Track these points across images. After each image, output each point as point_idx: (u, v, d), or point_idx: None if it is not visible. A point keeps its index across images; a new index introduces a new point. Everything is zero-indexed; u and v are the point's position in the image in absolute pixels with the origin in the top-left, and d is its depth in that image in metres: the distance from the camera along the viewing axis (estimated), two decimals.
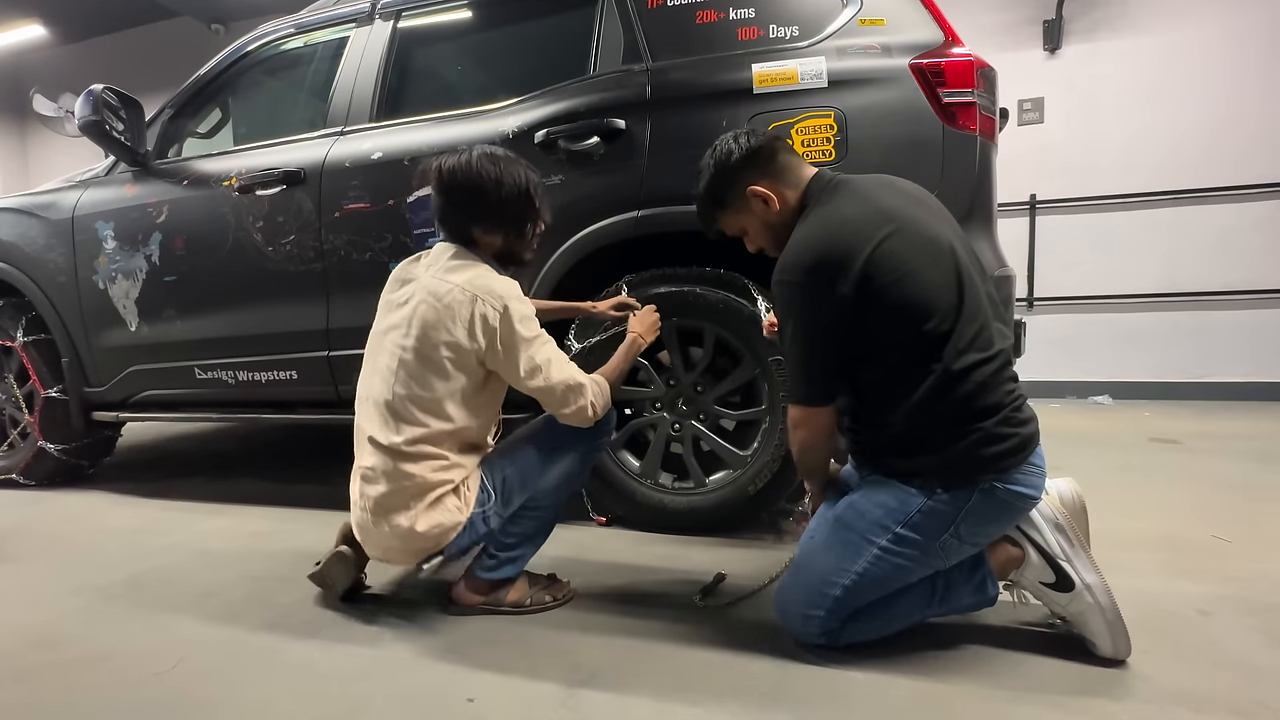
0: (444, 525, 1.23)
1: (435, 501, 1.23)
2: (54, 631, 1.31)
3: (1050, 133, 3.80)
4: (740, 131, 1.22)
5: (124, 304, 2.19)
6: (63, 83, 5.54)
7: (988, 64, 1.57)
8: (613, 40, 1.76)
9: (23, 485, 2.41)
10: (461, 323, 1.21)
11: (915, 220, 1.10)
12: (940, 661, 1.10)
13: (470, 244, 1.31)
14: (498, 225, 1.30)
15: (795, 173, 1.19)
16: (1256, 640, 1.14)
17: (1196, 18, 3.54)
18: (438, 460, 1.24)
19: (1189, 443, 2.65)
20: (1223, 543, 1.59)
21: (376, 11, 2.04)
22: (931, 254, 1.07)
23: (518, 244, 1.33)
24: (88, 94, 2.02)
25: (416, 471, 1.22)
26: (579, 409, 1.28)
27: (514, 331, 1.23)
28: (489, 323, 1.22)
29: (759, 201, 1.18)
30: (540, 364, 1.25)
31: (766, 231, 1.22)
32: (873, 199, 1.11)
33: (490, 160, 1.27)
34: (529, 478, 1.30)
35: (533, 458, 1.31)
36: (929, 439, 1.06)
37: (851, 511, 1.13)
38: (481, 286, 1.23)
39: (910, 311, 1.04)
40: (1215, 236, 3.58)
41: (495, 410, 1.36)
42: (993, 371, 1.05)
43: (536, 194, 1.31)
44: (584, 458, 1.37)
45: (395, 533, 1.23)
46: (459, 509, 1.25)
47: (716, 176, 1.20)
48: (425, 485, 1.22)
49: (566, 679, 1.08)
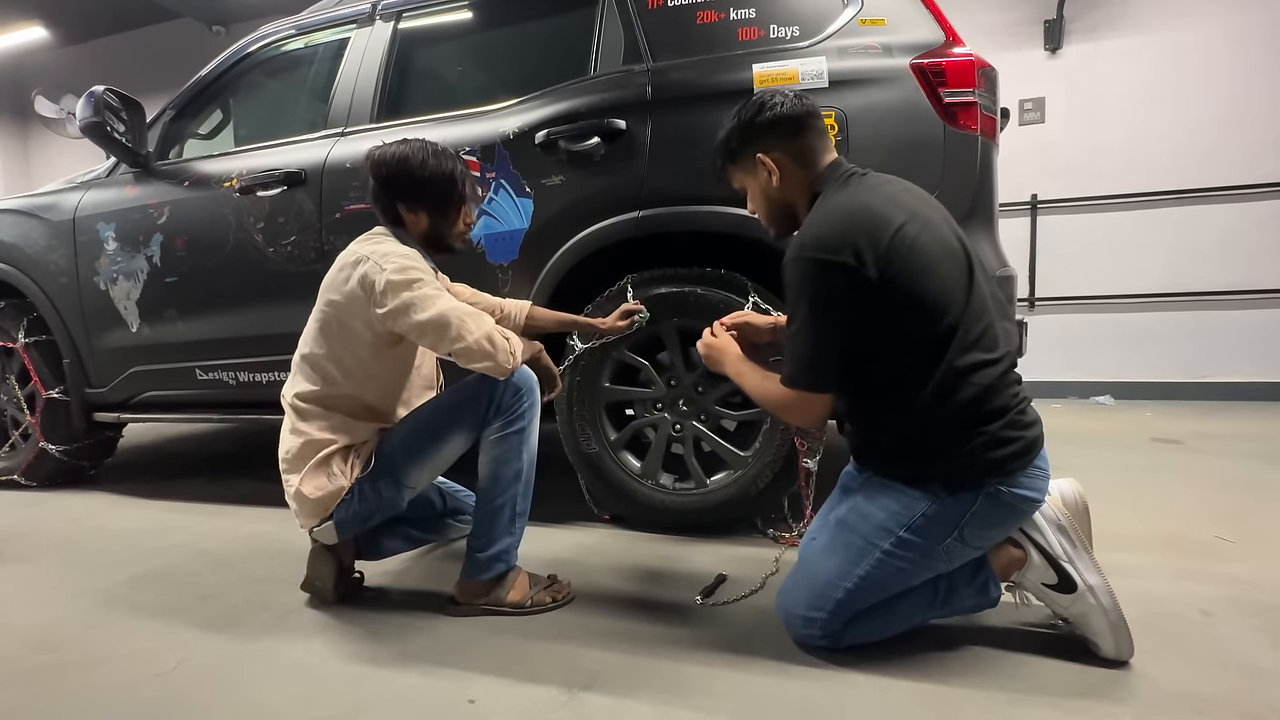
0: (327, 489, 1.27)
1: (320, 463, 1.28)
2: (54, 633, 1.31)
3: (1051, 132, 3.79)
4: (787, 95, 1.17)
5: (125, 305, 2.19)
6: (64, 84, 5.55)
7: (988, 64, 1.57)
8: (613, 41, 1.76)
9: (24, 486, 2.42)
10: (350, 282, 1.25)
11: (930, 218, 1.10)
12: (942, 663, 1.09)
13: (398, 224, 1.36)
14: (420, 203, 1.34)
15: (814, 155, 1.17)
16: (1260, 641, 1.14)
17: (1198, 17, 3.53)
18: (326, 421, 1.29)
19: (1191, 443, 2.64)
20: (1226, 543, 1.58)
21: (377, 13, 2.04)
22: (947, 249, 1.07)
23: (442, 226, 1.37)
24: (89, 95, 2.02)
25: (306, 430, 1.29)
26: (470, 346, 1.20)
27: (391, 282, 1.22)
28: (368, 278, 1.24)
29: (764, 170, 1.17)
30: (416, 302, 1.21)
31: (763, 200, 1.21)
32: (891, 192, 1.11)
33: (422, 147, 1.34)
34: (416, 451, 1.31)
35: (422, 431, 1.32)
36: (934, 442, 1.06)
37: (854, 514, 1.13)
38: (376, 250, 1.27)
39: (925, 305, 1.03)
40: (1217, 236, 3.57)
41: (399, 379, 1.40)
42: (999, 374, 1.05)
43: (460, 181, 1.36)
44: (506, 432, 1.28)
45: (290, 493, 1.30)
46: (342, 473, 1.29)
47: (738, 129, 1.19)
48: (312, 446, 1.28)
49: (568, 681, 1.08)
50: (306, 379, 1.32)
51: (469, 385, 1.32)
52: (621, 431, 1.77)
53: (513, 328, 1.58)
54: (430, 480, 1.43)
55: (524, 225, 1.75)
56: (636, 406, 1.79)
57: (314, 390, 1.31)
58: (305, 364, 1.33)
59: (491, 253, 1.78)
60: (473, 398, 1.30)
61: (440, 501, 1.60)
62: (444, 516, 1.61)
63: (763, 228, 1.26)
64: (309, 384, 1.31)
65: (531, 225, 1.74)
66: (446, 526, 1.63)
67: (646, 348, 1.73)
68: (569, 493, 1.88)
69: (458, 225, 1.40)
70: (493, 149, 1.76)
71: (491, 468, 1.31)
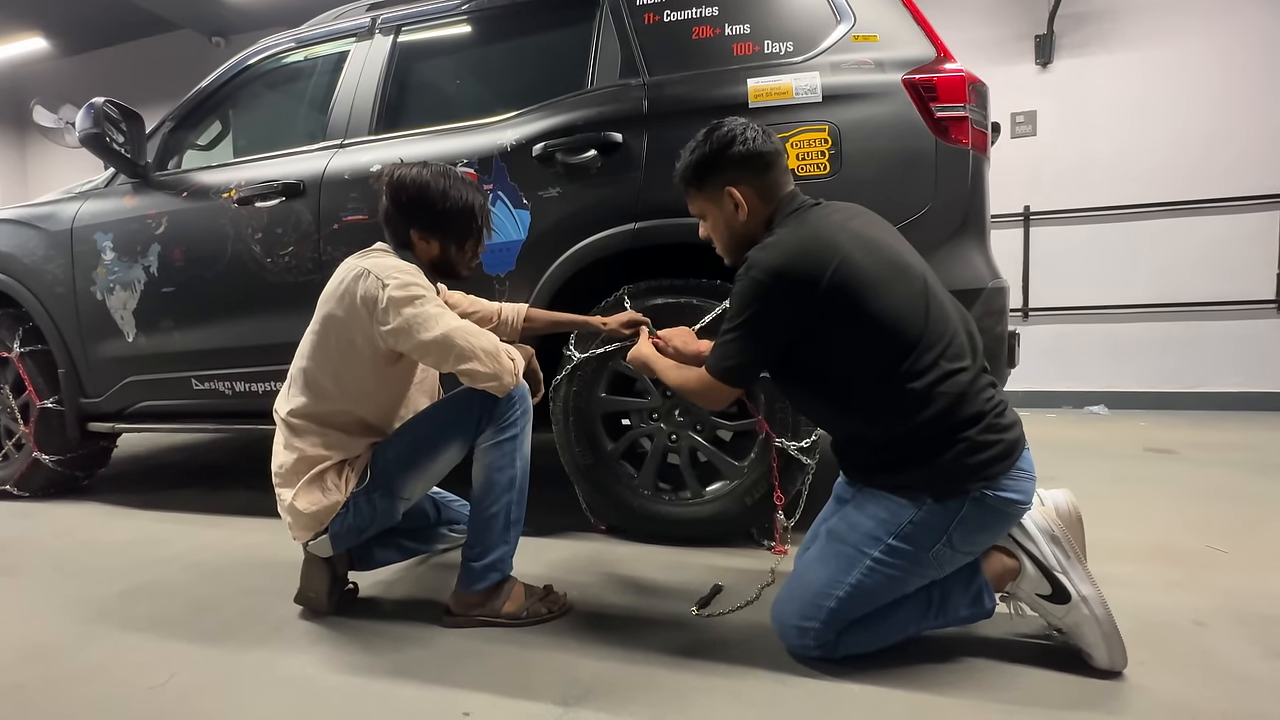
0: (322, 504, 1.27)
1: (315, 478, 1.27)
2: (46, 645, 1.30)
3: (1043, 145, 3.84)
4: (756, 129, 1.18)
5: (121, 315, 2.19)
6: (63, 94, 5.57)
7: (979, 79, 1.59)
8: (610, 55, 1.78)
9: (16, 497, 2.40)
10: (350, 297, 1.24)
11: (883, 243, 1.13)
12: (936, 673, 1.09)
13: (406, 247, 1.35)
14: (437, 233, 1.34)
15: (776, 188, 1.20)
16: (1253, 651, 1.14)
17: (1186, 33, 3.59)
18: (320, 438, 1.29)
19: (1185, 452, 2.66)
20: (1219, 553, 1.59)
21: (377, 26, 2.06)
22: (899, 270, 1.10)
23: (456, 257, 1.37)
24: (89, 107, 2.03)
25: (300, 446, 1.28)
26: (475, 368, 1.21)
27: (393, 299, 1.21)
28: (369, 294, 1.22)
29: (730, 202, 1.19)
30: (420, 320, 1.20)
31: (724, 230, 1.23)
32: (840, 220, 1.14)
33: (444, 175, 1.33)
34: (410, 463, 1.31)
35: (416, 443, 1.32)
36: (915, 451, 1.07)
37: (844, 524, 1.14)
38: (376, 264, 1.26)
39: (878, 322, 1.05)
40: (1206, 248, 3.62)
41: (396, 399, 1.39)
42: (969, 380, 1.07)
43: (480, 214, 1.36)
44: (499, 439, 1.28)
45: (284, 507, 1.29)
46: (337, 488, 1.28)
47: (708, 157, 1.19)
48: (306, 462, 1.27)
49: (563, 693, 1.08)
50: (301, 393, 1.31)
51: (461, 395, 1.31)
52: (618, 442, 1.77)
53: (510, 332, 1.58)
54: (425, 491, 1.42)
55: (521, 236, 1.76)
56: (633, 417, 1.79)
57: (309, 406, 1.30)
58: (302, 377, 1.32)
59: (488, 264, 1.79)
60: (465, 408, 1.30)
61: (434, 512, 1.60)
62: (438, 526, 1.61)
63: None
64: (304, 399, 1.30)
65: (528, 236, 1.75)
66: (440, 536, 1.62)
67: None
68: (564, 504, 1.88)
69: (469, 256, 1.39)
70: (490, 161, 1.78)
71: (485, 475, 1.31)
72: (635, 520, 1.75)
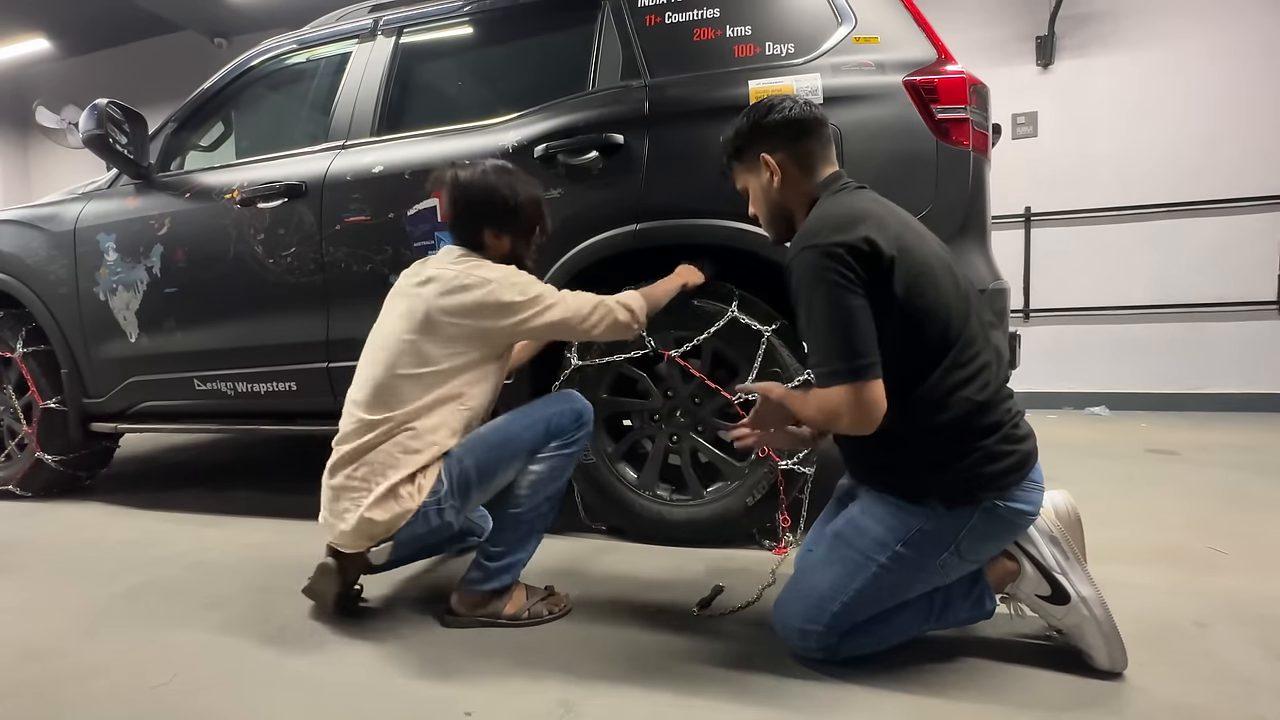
0: (395, 512, 1.25)
1: (391, 489, 1.25)
2: (49, 644, 1.31)
3: (1044, 146, 3.84)
4: (797, 99, 1.19)
5: (124, 315, 2.20)
6: (65, 95, 5.59)
7: (980, 80, 1.59)
8: (611, 56, 1.78)
9: (19, 496, 2.41)
10: (470, 302, 1.27)
11: (922, 233, 1.12)
12: (937, 675, 1.10)
13: (478, 247, 1.38)
14: (508, 230, 1.38)
15: (815, 162, 1.17)
16: (1254, 653, 1.14)
17: (1187, 34, 3.59)
18: (400, 444, 1.26)
19: (1186, 454, 2.66)
20: (1220, 554, 1.59)
21: (379, 28, 2.07)
22: (943, 264, 1.08)
23: (524, 249, 1.43)
24: (92, 108, 2.04)
25: (375, 456, 1.26)
26: (606, 319, 1.35)
27: (505, 299, 1.27)
28: (493, 294, 1.27)
29: (765, 169, 1.18)
30: (545, 302, 1.30)
31: (763, 201, 1.22)
32: (888, 206, 1.12)
33: (504, 171, 1.38)
34: (488, 472, 1.30)
35: (494, 451, 1.31)
36: (930, 458, 1.06)
37: (851, 528, 1.13)
38: (482, 271, 1.30)
39: (928, 313, 1.02)
40: (1207, 249, 3.61)
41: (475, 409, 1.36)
42: (994, 389, 1.05)
43: (544, 205, 1.43)
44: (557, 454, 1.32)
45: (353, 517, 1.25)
46: (411, 496, 1.26)
47: (746, 128, 1.20)
48: (382, 469, 1.25)
49: (565, 693, 1.08)
50: (385, 404, 1.27)
51: (530, 411, 1.34)
52: (619, 443, 1.78)
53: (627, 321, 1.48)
54: (483, 503, 1.39)
55: None
56: (634, 418, 1.80)
57: (395, 416, 1.26)
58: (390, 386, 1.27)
59: None
60: (534, 422, 1.32)
61: None
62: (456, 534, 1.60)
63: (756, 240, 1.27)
64: (387, 409, 1.27)
65: None
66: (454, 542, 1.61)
67: (643, 359, 1.74)
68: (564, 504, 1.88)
69: (534, 247, 1.45)
70: None
71: (531, 483, 1.31)
72: (636, 521, 1.75)
